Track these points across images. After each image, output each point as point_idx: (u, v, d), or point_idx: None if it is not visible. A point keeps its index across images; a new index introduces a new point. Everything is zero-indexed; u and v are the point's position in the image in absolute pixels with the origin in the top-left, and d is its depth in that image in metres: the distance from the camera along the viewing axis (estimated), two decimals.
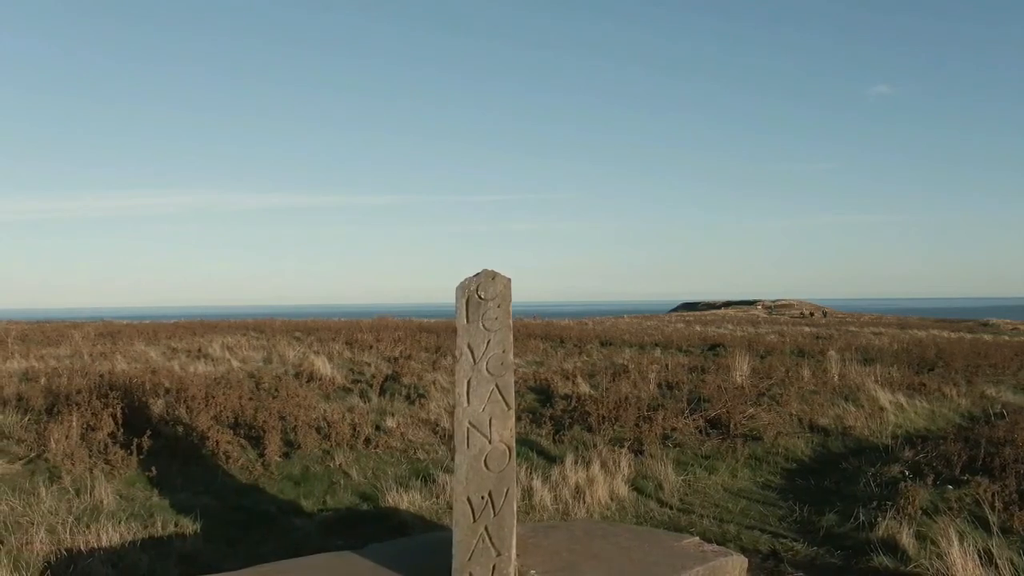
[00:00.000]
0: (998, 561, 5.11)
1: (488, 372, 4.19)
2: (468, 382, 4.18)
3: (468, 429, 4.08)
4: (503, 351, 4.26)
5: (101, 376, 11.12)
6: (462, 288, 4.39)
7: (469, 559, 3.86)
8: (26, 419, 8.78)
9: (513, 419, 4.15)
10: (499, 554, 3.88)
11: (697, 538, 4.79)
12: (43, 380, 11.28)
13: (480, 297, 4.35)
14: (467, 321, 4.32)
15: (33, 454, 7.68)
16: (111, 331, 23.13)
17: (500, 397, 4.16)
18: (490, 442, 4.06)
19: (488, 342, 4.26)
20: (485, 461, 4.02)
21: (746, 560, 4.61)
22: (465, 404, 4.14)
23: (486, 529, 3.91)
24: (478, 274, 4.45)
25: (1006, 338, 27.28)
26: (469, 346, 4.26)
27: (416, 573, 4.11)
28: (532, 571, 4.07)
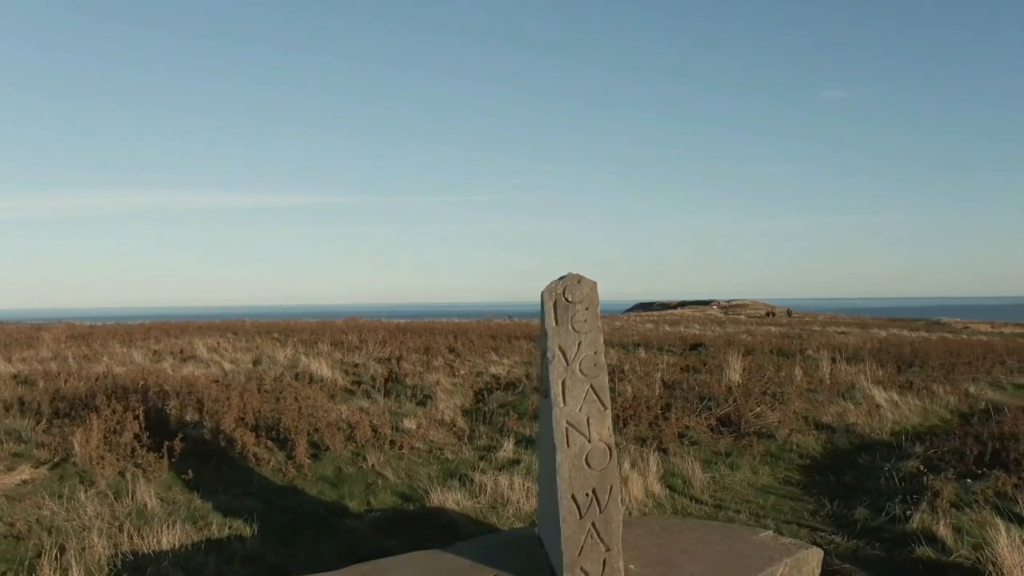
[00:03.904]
0: None
1: (582, 373, 4.31)
2: (563, 383, 4.29)
3: (567, 429, 4.18)
4: (595, 352, 4.38)
5: (97, 379, 10.97)
6: (549, 291, 4.49)
7: (579, 554, 3.98)
8: (41, 424, 8.65)
9: (610, 418, 4.27)
10: (608, 549, 4.00)
11: (771, 532, 4.96)
12: (41, 384, 11.07)
13: (567, 300, 4.45)
14: (556, 323, 4.42)
15: (58, 458, 7.59)
16: (81, 333, 22.68)
17: (596, 397, 4.28)
18: (589, 441, 4.17)
19: (579, 344, 4.37)
20: (586, 459, 4.13)
21: (822, 552, 4.80)
22: (561, 404, 4.24)
23: (593, 525, 4.02)
24: (563, 277, 4.55)
25: (964, 337, 28.22)
26: (560, 348, 4.36)
27: (518, 569, 4.20)
28: (631, 566, 4.19)
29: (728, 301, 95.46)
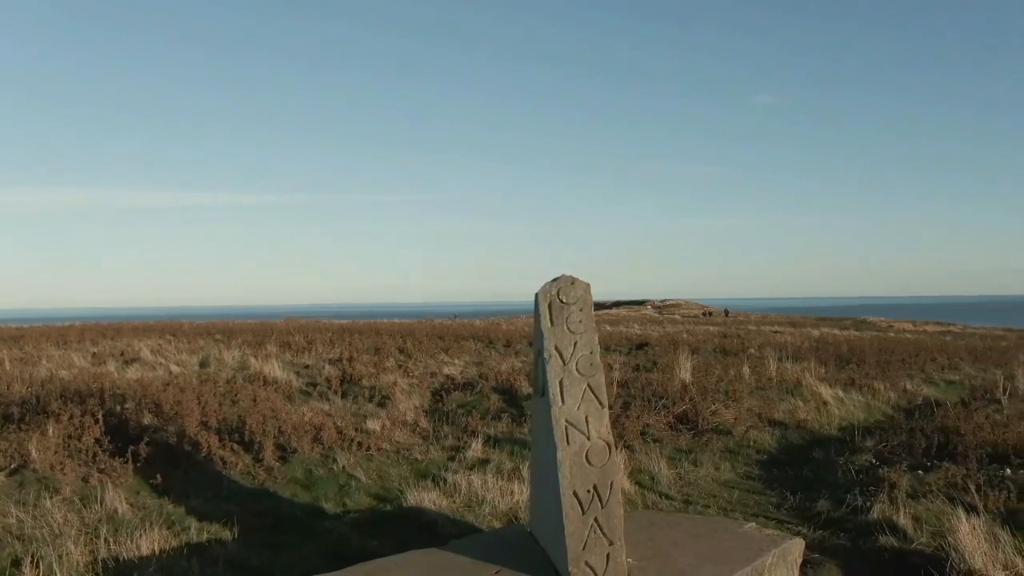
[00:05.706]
0: (998, 536, 5.68)
1: (579, 372, 4.41)
2: (560, 382, 4.38)
3: (566, 427, 4.28)
4: (591, 352, 4.49)
5: (44, 384, 10.62)
6: (543, 292, 4.59)
7: (583, 549, 4.08)
8: None
9: (607, 416, 4.38)
10: (611, 543, 4.12)
11: (755, 524, 5.15)
12: None
13: (562, 301, 4.55)
14: (552, 324, 4.52)
15: (14, 465, 7.34)
16: (9, 335, 21.83)
17: (593, 396, 4.39)
18: (588, 438, 4.28)
19: (575, 344, 4.47)
20: (587, 456, 4.24)
21: (803, 542, 5.01)
22: (560, 403, 4.33)
23: (596, 520, 4.13)
24: (556, 279, 4.65)
25: (892, 335, 29.33)
26: (557, 348, 4.46)
27: (519, 566, 4.28)
28: (629, 559, 4.31)
29: (662, 301, 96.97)
